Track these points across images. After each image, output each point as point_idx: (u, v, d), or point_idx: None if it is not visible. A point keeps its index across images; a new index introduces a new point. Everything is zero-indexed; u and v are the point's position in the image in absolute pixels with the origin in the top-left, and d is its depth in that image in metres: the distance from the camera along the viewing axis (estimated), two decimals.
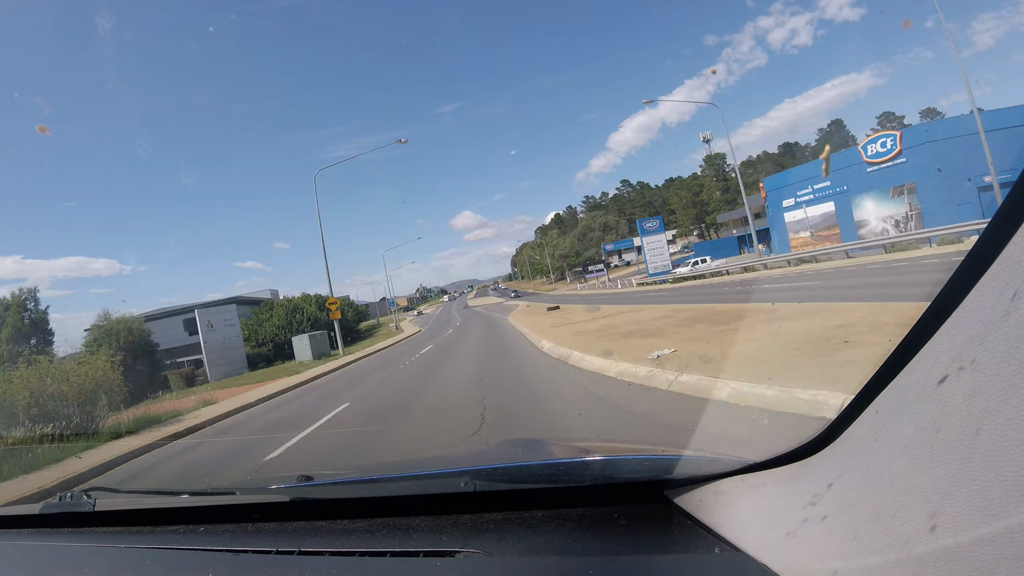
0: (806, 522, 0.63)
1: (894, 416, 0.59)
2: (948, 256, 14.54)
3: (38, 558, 1.19)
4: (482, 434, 4.41)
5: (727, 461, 0.95)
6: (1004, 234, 0.50)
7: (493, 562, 0.84)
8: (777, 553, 0.66)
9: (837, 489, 0.63)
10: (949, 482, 0.47)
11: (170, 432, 8.55)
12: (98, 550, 1.17)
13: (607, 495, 0.98)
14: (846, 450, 0.69)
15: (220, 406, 11.47)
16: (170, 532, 1.22)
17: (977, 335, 0.50)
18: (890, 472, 0.55)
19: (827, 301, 8.31)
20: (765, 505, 0.77)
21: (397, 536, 0.99)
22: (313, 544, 1.01)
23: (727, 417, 3.64)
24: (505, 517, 0.99)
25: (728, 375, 4.28)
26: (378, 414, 6.95)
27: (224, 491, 1.30)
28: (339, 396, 9.55)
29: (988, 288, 0.51)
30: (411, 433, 5.39)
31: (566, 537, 0.88)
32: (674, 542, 0.81)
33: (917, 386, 0.57)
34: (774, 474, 0.83)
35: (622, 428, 4.04)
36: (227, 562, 0.98)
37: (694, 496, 0.90)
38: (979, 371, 0.48)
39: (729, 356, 5.29)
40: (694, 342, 6.55)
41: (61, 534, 1.33)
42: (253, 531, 1.15)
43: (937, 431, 0.50)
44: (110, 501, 1.34)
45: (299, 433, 6.41)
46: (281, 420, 8.50)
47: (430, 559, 0.87)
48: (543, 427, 4.39)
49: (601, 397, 5.20)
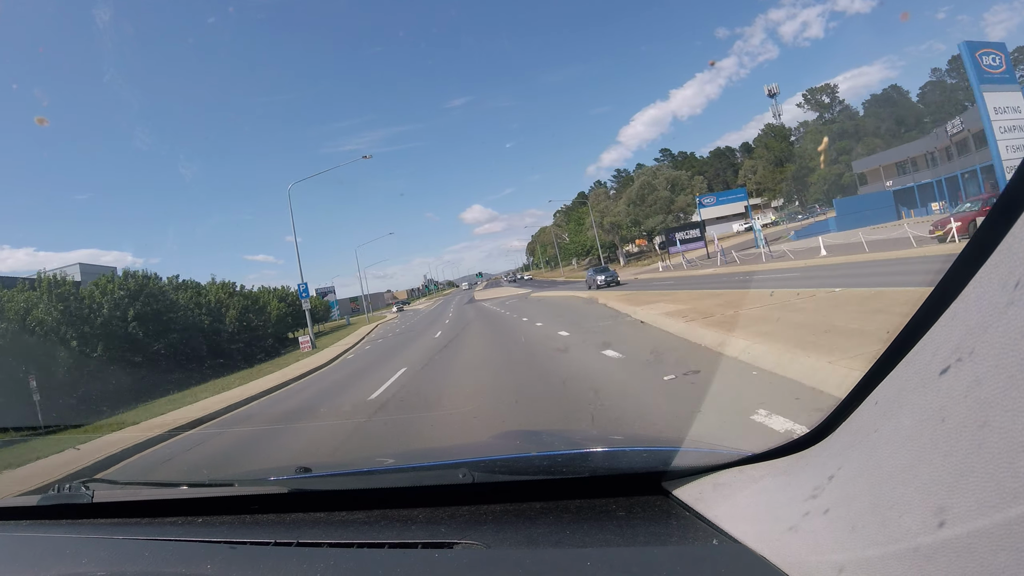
0: (808, 516, 0.63)
1: (894, 407, 0.59)
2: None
3: (36, 550, 1.19)
4: None
5: (725, 453, 0.95)
6: (1004, 223, 0.50)
7: (491, 553, 0.84)
8: (777, 546, 0.65)
9: (838, 482, 0.63)
10: (955, 475, 0.47)
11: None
12: (96, 542, 1.17)
13: (605, 487, 0.98)
14: (845, 441, 0.69)
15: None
16: (168, 524, 1.22)
17: (977, 325, 0.50)
18: (892, 464, 0.55)
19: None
20: (764, 498, 0.77)
21: (395, 527, 0.99)
22: (311, 535, 1.01)
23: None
24: (503, 509, 0.99)
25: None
26: None
27: (222, 483, 1.31)
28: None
29: (988, 278, 0.51)
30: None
31: (564, 529, 0.88)
32: (672, 534, 0.81)
33: (917, 377, 0.57)
34: (773, 465, 0.83)
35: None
36: (225, 553, 0.98)
37: (693, 488, 0.90)
38: (979, 362, 0.48)
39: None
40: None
41: (60, 526, 1.34)
42: (251, 522, 1.15)
43: (941, 422, 0.50)
44: (108, 493, 1.34)
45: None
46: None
47: (428, 550, 0.87)
48: None
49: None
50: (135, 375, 20.60)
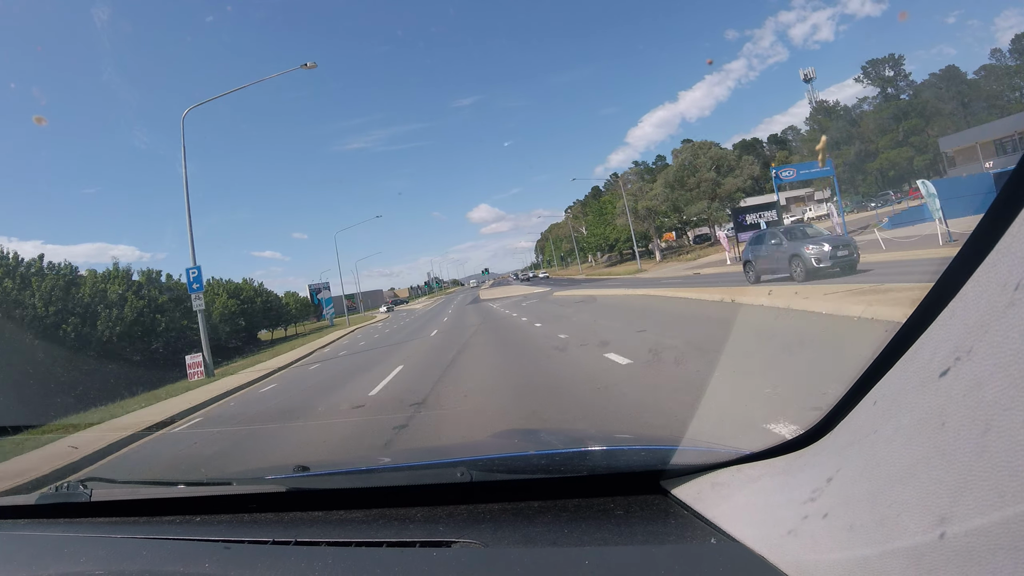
0: (807, 519, 0.62)
1: (894, 408, 0.58)
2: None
3: (34, 549, 1.19)
4: None
5: (722, 452, 0.95)
6: (1003, 221, 0.49)
7: (489, 552, 0.84)
8: (776, 547, 0.65)
9: (837, 484, 0.62)
10: (958, 481, 0.46)
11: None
12: (94, 541, 1.17)
13: (604, 486, 0.98)
14: (843, 441, 0.68)
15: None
16: (167, 522, 1.22)
17: (977, 325, 0.49)
18: (892, 468, 0.54)
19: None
20: (763, 498, 0.77)
21: (394, 526, 0.99)
22: (310, 534, 1.01)
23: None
24: (501, 507, 0.99)
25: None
26: None
27: (221, 481, 1.31)
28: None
29: (987, 278, 0.50)
30: None
31: (562, 527, 0.88)
32: (671, 533, 0.81)
33: (916, 377, 0.56)
34: (771, 465, 0.83)
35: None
36: (223, 552, 0.98)
37: (691, 487, 0.90)
38: (979, 363, 0.47)
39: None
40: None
41: (57, 525, 1.33)
42: (250, 521, 1.15)
43: (941, 426, 0.49)
44: (106, 491, 1.34)
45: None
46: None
47: (426, 549, 0.88)
48: None
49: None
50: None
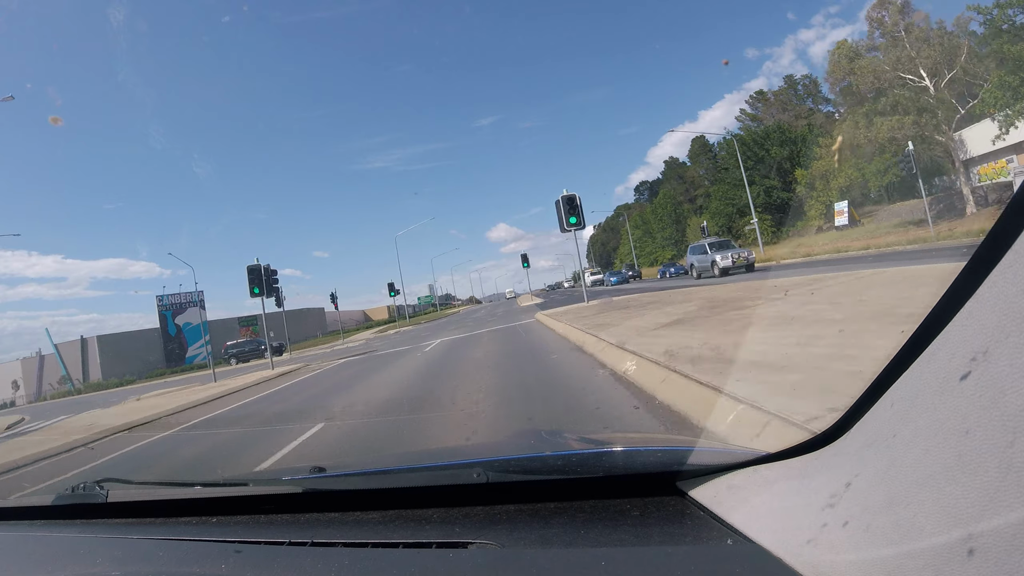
0: (826, 527, 0.62)
1: (913, 411, 0.58)
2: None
3: (51, 549, 1.20)
4: None
5: (738, 453, 0.95)
6: (1020, 221, 0.49)
7: (505, 553, 0.84)
8: (795, 550, 0.65)
9: (856, 490, 0.61)
10: (982, 490, 0.45)
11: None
12: (111, 541, 1.17)
13: (620, 487, 0.98)
14: (860, 443, 0.68)
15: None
16: (183, 523, 1.23)
17: (995, 327, 0.49)
18: (913, 473, 0.53)
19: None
20: (780, 502, 0.76)
21: (410, 527, 1.00)
22: (326, 535, 1.01)
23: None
24: (518, 508, 0.99)
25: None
26: None
27: (237, 482, 1.32)
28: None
29: (1005, 279, 0.50)
30: None
31: (578, 528, 0.88)
32: (687, 534, 0.81)
33: (935, 379, 0.55)
34: (788, 466, 0.82)
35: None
36: (240, 553, 0.99)
37: (707, 489, 0.90)
38: (999, 367, 0.47)
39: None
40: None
41: (73, 526, 1.34)
42: (266, 522, 1.16)
43: (965, 434, 0.48)
44: (122, 492, 1.35)
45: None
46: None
47: (443, 550, 0.88)
48: None
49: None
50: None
